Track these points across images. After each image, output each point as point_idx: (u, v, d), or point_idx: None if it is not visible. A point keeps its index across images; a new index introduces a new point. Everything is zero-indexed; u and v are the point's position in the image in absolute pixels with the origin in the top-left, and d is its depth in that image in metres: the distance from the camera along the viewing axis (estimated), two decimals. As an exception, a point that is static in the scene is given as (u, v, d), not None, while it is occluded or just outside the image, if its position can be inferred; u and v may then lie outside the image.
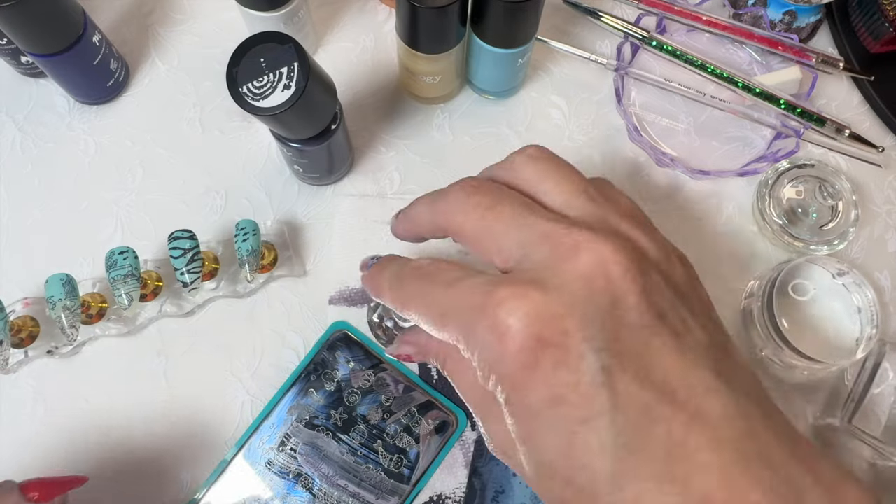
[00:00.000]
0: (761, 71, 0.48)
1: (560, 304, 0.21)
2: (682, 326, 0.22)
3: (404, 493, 0.39)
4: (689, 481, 0.19)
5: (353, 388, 0.41)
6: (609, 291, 0.21)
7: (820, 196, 0.43)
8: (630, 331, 0.21)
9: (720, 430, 0.20)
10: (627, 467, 0.20)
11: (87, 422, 0.41)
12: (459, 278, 0.23)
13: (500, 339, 0.21)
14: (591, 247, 0.22)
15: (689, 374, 0.21)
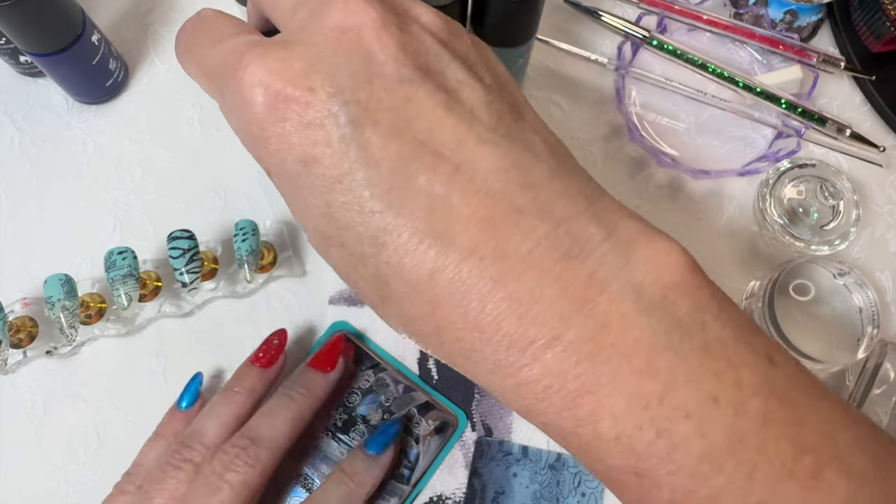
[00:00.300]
0: (762, 70, 0.48)
1: (305, 61, 0.19)
2: (455, 83, 0.21)
3: (404, 494, 0.39)
4: (452, 233, 0.19)
5: (352, 389, 0.41)
6: (361, 47, 0.20)
7: (821, 196, 0.43)
8: (386, 85, 0.20)
9: (489, 182, 0.19)
10: (387, 223, 0.19)
11: (86, 422, 0.41)
12: (224, 38, 0.22)
13: (245, 102, 0.20)
14: (344, 2, 0.20)
15: (458, 127, 0.19)
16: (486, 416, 0.41)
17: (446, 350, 0.20)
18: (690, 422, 0.18)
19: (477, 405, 0.42)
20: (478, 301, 0.19)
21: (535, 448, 0.41)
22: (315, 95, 0.19)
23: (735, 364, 0.19)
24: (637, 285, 0.19)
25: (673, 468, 0.18)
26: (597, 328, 0.18)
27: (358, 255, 0.20)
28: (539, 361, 0.18)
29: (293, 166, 0.20)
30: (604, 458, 0.19)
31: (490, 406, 0.42)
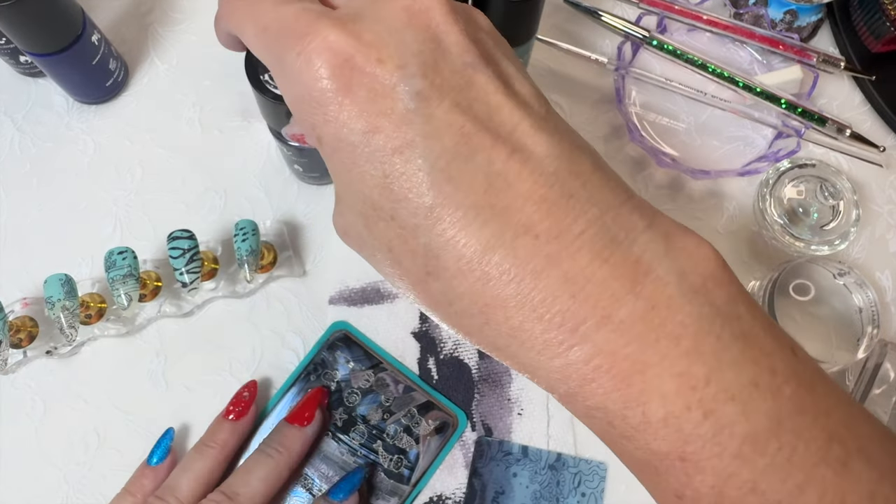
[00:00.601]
0: (762, 70, 0.48)
1: (375, 34, 0.20)
2: (508, 74, 0.21)
3: (404, 494, 0.39)
4: (509, 210, 0.19)
5: (352, 389, 0.41)
6: (430, 28, 0.21)
7: (821, 196, 0.43)
8: (451, 66, 0.20)
9: (543, 166, 0.20)
10: (445, 197, 0.19)
11: (86, 422, 0.41)
12: (289, 0, 0.22)
13: (310, 66, 0.20)
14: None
15: (514, 113, 0.20)
16: (486, 416, 0.41)
17: (491, 330, 0.20)
18: (735, 404, 0.18)
19: (477, 405, 0.42)
20: (531, 278, 0.19)
21: (535, 448, 0.41)
22: (383, 67, 0.20)
23: (768, 353, 0.19)
24: (679, 272, 0.19)
25: (718, 450, 0.18)
26: (646, 309, 0.19)
27: (410, 227, 0.20)
28: (590, 341, 0.19)
29: (353, 135, 0.20)
30: (649, 442, 0.19)
31: (490, 406, 0.42)
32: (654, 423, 0.19)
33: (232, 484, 0.35)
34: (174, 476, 0.36)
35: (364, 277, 0.44)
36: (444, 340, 0.43)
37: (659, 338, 0.19)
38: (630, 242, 0.19)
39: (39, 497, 0.40)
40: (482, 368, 0.42)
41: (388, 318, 0.43)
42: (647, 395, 0.18)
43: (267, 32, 0.22)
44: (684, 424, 0.18)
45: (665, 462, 0.19)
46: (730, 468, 0.18)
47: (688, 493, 0.19)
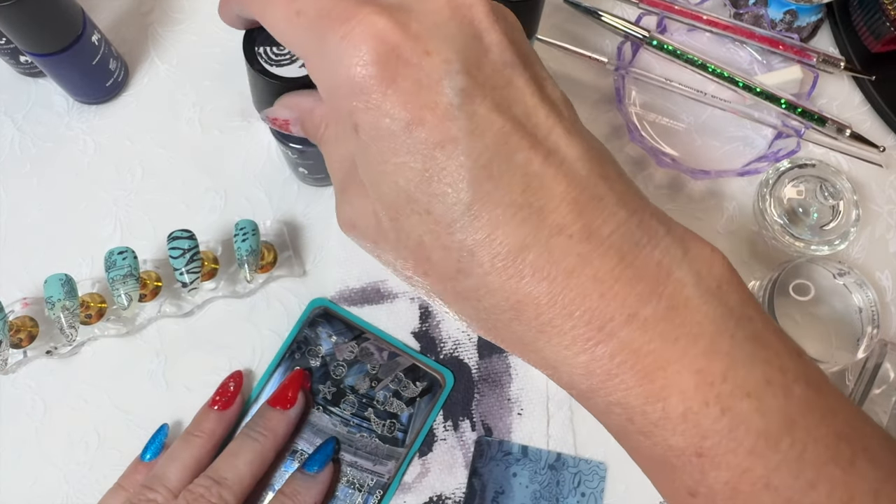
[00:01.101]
0: (762, 70, 0.48)
1: (422, 25, 0.20)
2: (542, 77, 0.22)
3: (401, 456, 0.40)
4: (544, 210, 0.20)
5: (338, 361, 0.41)
6: (472, 24, 0.21)
7: (821, 196, 0.43)
8: (492, 65, 0.21)
9: (576, 168, 0.20)
10: (484, 194, 0.20)
11: (86, 422, 0.41)
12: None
13: (354, 52, 0.19)
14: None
15: (550, 116, 0.21)
16: (485, 416, 0.41)
17: (519, 326, 0.20)
18: (751, 401, 0.19)
19: (477, 405, 0.42)
20: (564, 276, 0.19)
21: (534, 448, 0.41)
22: (430, 59, 0.20)
23: (777, 353, 0.20)
24: (696, 275, 0.20)
25: (734, 445, 0.19)
26: (668, 309, 0.19)
27: (446, 223, 0.20)
28: (615, 337, 0.19)
29: (395, 125, 0.20)
30: (667, 437, 0.20)
31: (490, 406, 0.42)
32: (674, 419, 0.19)
33: (218, 468, 0.36)
34: (161, 465, 0.36)
35: (364, 277, 0.44)
36: (443, 340, 0.43)
37: (679, 336, 0.19)
38: (652, 246, 0.20)
39: (39, 497, 0.40)
40: (482, 368, 0.42)
41: (388, 318, 0.43)
42: (668, 391, 0.19)
43: (301, 16, 0.21)
44: (702, 420, 0.19)
45: (681, 458, 0.20)
46: (744, 464, 0.19)
47: (702, 490, 0.20)
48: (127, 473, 0.38)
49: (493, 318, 0.21)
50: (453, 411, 0.41)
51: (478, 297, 0.21)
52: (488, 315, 0.21)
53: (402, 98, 0.20)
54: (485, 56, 0.21)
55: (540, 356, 0.21)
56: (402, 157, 0.20)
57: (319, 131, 0.25)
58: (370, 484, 0.40)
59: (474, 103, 0.20)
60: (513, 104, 0.20)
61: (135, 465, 0.38)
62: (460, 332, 0.43)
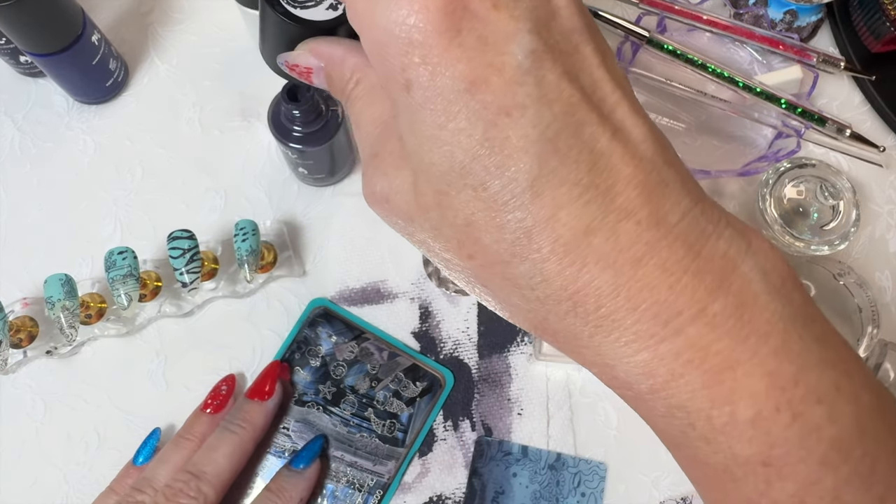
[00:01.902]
0: (762, 70, 0.48)
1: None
2: (605, 49, 0.20)
3: (401, 456, 0.40)
4: (611, 192, 0.18)
5: (338, 362, 0.41)
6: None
7: (821, 196, 0.42)
8: (561, 29, 0.19)
9: (643, 150, 0.18)
10: (549, 170, 0.18)
11: (86, 422, 0.41)
12: None
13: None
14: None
15: (616, 91, 0.19)
16: (486, 416, 0.41)
17: (576, 319, 0.19)
18: (822, 407, 0.18)
19: (477, 405, 0.42)
20: (631, 265, 0.18)
21: (534, 448, 0.41)
22: (499, 14, 0.17)
23: (843, 357, 0.19)
24: (762, 270, 0.19)
25: (804, 454, 0.18)
26: (736, 305, 0.18)
27: (503, 200, 0.18)
28: (682, 334, 0.18)
29: (456, 84, 0.17)
30: (732, 445, 0.18)
31: (490, 406, 0.42)
32: (742, 424, 0.18)
33: (197, 462, 0.36)
34: (151, 468, 0.37)
35: (364, 277, 0.44)
36: (443, 340, 0.43)
37: (749, 334, 0.18)
38: (717, 236, 0.19)
39: (39, 497, 0.40)
40: (482, 368, 0.42)
41: (388, 318, 0.43)
42: (737, 394, 0.18)
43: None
44: (773, 426, 0.18)
45: (745, 467, 0.18)
46: (814, 475, 0.18)
47: (764, 503, 0.18)
48: (119, 477, 0.38)
49: (546, 310, 0.19)
50: (453, 411, 0.41)
51: (531, 285, 0.19)
52: (541, 305, 0.19)
53: (466, 54, 0.17)
54: (553, 18, 0.18)
55: (594, 353, 0.19)
56: (461, 123, 0.18)
57: (348, 86, 0.23)
58: (370, 484, 0.40)
59: (543, 68, 0.18)
60: (580, 73, 0.18)
61: (127, 468, 0.38)
62: (460, 333, 0.43)
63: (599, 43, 0.20)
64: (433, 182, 0.19)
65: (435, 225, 0.20)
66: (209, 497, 0.34)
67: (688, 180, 0.19)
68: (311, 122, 0.39)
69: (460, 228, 0.19)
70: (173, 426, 0.41)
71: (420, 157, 0.19)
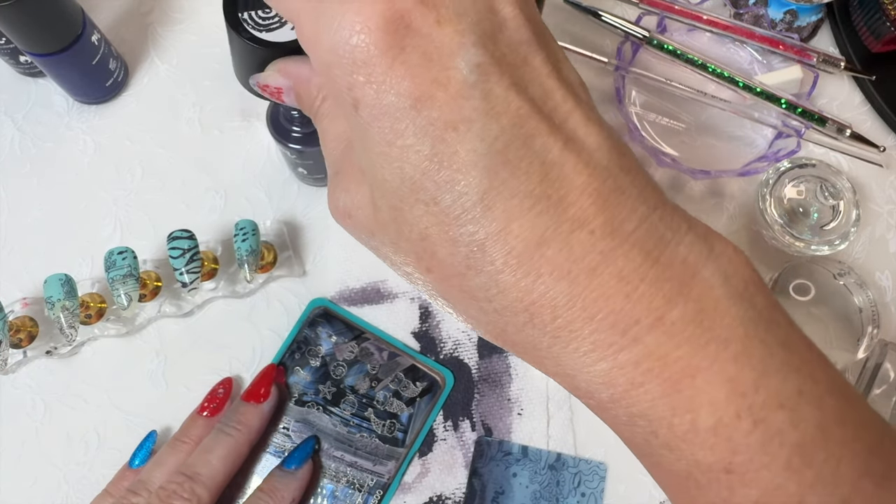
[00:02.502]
0: (762, 70, 0.48)
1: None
2: (558, 58, 0.20)
3: (401, 457, 0.40)
4: (564, 202, 0.18)
5: (338, 361, 0.41)
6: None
7: (821, 196, 0.42)
8: (508, 41, 0.19)
9: (596, 158, 0.18)
10: (499, 182, 0.17)
11: (86, 422, 0.41)
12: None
13: (357, 18, 0.17)
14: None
15: (567, 100, 0.19)
16: (485, 416, 0.41)
17: (533, 330, 0.19)
18: (784, 412, 0.18)
19: (477, 405, 0.42)
20: (586, 275, 0.18)
21: (534, 448, 0.41)
22: (442, 29, 0.17)
23: (807, 361, 0.19)
24: (723, 274, 0.19)
25: (767, 460, 0.18)
26: (696, 311, 0.18)
27: (454, 215, 0.18)
28: (640, 343, 0.18)
29: (401, 102, 0.18)
30: (695, 452, 0.18)
31: (490, 406, 0.42)
32: (703, 432, 0.18)
33: (192, 464, 0.36)
34: (147, 470, 0.37)
35: (364, 277, 0.44)
36: (443, 340, 0.43)
37: (709, 341, 0.18)
38: (677, 243, 0.19)
39: (39, 497, 0.40)
40: (482, 368, 0.42)
41: (388, 318, 0.43)
42: (697, 402, 0.18)
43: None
44: (734, 433, 0.17)
45: (708, 474, 0.18)
46: (777, 480, 0.18)
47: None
48: (115, 480, 0.38)
49: (504, 321, 0.19)
50: (453, 411, 0.41)
51: (487, 297, 0.19)
52: (498, 317, 0.19)
53: (410, 72, 0.17)
54: (500, 31, 0.18)
55: (555, 363, 0.19)
56: (408, 140, 0.18)
57: (315, 104, 0.23)
58: (370, 484, 0.40)
59: (490, 81, 0.18)
60: (529, 85, 0.18)
61: (123, 471, 0.38)
62: (460, 332, 0.43)
63: (551, 52, 0.20)
64: (387, 197, 0.19)
65: (393, 239, 0.20)
66: (203, 498, 0.34)
67: (646, 186, 0.19)
68: (309, 122, 0.39)
69: (416, 242, 0.19)
70: (173, 426, 0.41)
71: (373, 174, 0.19)
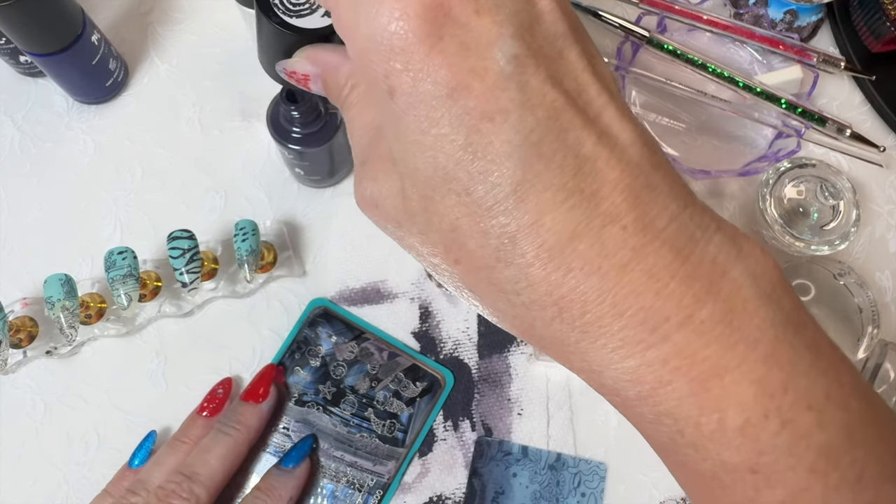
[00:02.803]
0: (762, 70, 0.48)
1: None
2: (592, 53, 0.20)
3: (401, 456, 0.40)
4: (597, 197, 0.18)
5: (338, 362, 0.41)
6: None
7: (821, 196, 0.42)
8: (544, 33, 0.19)
9: (629, 154, 0.18)
10: (533, 174, 0.17)
11: (86, 422, 0.41)
12: None
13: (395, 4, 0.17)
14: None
15: (602, 94, 0.19)
16: (486, 416, 0.41)
17: (561, 325, 0.19)
18: (812, 414, 0.18)
19: (477, 405, 0.42)
20: (617, 271, 0.18)
21: (534, 448, 0.41)
22: (481, 19, 0.17)
23: (834, 364, 0.19)
24: (752, 275, 0.19)
25: (793, 462, 0.18)
26: (725, 311, 0.18)
27: (486, 206, 0.18)
28: (669, 341, 0.18)
29: (438, 90, 0.17)
30: (720, 452, 0.18)
31: (490, 406, 0.42)
32: (730, 432, 0.18)
33: (191, 464, 0.36)
34: (146, 470, 0.37)
35: (364, 277, 0.44)
36: (443, 340, 0.43)
37: (738, 341, 0.18)
38: (706, 241, 0.18)
39: (39, 497, 0.40)
40: (482, 368, 0.42)
41: (388, 318, 0.43)
42: (725, 402, 0.18)
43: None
44: (761, 434, 0.17)
45: (734, 475, 0.18)
46: (803, 482, 0.18)
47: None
48: (114, 480, 0.38)
49: (532, 315, 0.19)
50: (453, 411, 0.41)
51: (516, 290, 0.19)
52: (527, 311, 0.19)
53: (447, 60, 0.17)
54: (537, 23, 0.18)
55: (581, 359, 0.19)
56: (443, 129, 0.18)
57: (343, 92, 0.23)
58: (370, 484, 0.40)
59: (526, 73, 0.18)
60: (564, 78, 0.18)
61: (122, 471, 0.39)
62: (460, 333, 0.43)
63: (586, 46, 0.20)
64: (418, 187, 0.19)
65: (422, 230, 0.20)
66: (201, 498, 0.35)
67: (676, 184, 0.19)
68: (309, 123, 0.39)
69: (446, 233, 0.19)
70: (173, 426, 0.41)
71: (405, 163, 0.19)
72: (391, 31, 0.17)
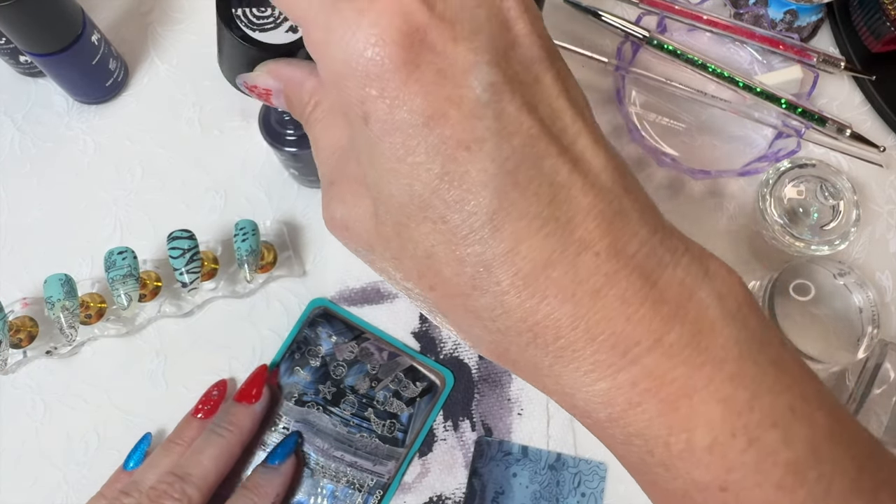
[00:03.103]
0: (762, 70, 0.48)
1: (449, 8, 0.18)
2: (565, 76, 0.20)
3: (401, 457, 0.40)
4: (571, 224, 0.18)
5: (338, 362, 0.41)
6: (501, 11, 0.19)
7: (821, 196, 0.42)
8: (520, 59, 0.19)
9: (602, 180, 0.19)
10: (509, 203, 0.18)
11: (86, 422, 0.41)
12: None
13: (371, 31, 0.17)
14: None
15: (576, 121, 0.19)
16: (486, 416, 0.41)
17: (536, 350, 0.19)
18: (777, 431, 0.18)
19: (477, 405, 0.42)
20: (590, 297, 0.18)
21: (534, 448, 0.41)
22: (457, 47, 0.17)
23: (798, 379, 0.19)
24: (718, 295, 0.19)
25: (760, 479, 0.18)
26: (693, 333, 0.18)
27: (462, 234, 0.18)
28: (638, 364, 0.18)
29: (414, 118, 0.17)
30: (690, 470, 0.18)
31: (490, 406, 0.42)
32: (699, 451, 0.18)
33: (183, 465, 0.36)
34: (140, 472, 0.37)
35: (364, 277, 0.44)
36: (443, 340, 0.43)
37: (705, 362, 0.18)
38: (674, 265, 0.19)
39: (39, 497, 0.40)
40: (482, 368, 0.42)
41: (388, 318, 0.43)
42: (693, 421, 0.18)
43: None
44: (729, 452, 0.18)
45: (704, 493, 0.18)
46: (771, 499, 0.18)
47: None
48: (109, 481, 0.38)
49: (507, 341, 0.19)
50: (453, 411, 0.41)
51: (492, 317, 0.19)
52: (502, 336, 0.19)
53: (423, 88, 0.17)
54: (513, 48, 0.19)
55: (554, 382, 0.19)
56: (419, 157, 0.18)
57: (307, 109, 0.22)
58: (370, 484, 0.40)
59: (503, 100, 0.18)
60: (539, 104, 0.18)
61: (117, 473, 0.39)
62: (460, 332, 0.43)
63: (560, 70, 0.20)
64: (392, 213, 0.19)
65: (395, 255, 0.20)
66: (194, 498, 0.35)
67: (647, 208, 0.20)
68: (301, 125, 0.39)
69: (420, 260, 0.19)
70: (172, 427, 0.41)
71: (379, 188, 0.19)
72: (367, 56, 0.17)
